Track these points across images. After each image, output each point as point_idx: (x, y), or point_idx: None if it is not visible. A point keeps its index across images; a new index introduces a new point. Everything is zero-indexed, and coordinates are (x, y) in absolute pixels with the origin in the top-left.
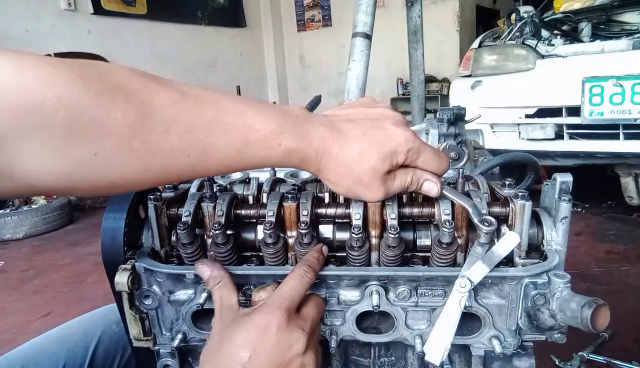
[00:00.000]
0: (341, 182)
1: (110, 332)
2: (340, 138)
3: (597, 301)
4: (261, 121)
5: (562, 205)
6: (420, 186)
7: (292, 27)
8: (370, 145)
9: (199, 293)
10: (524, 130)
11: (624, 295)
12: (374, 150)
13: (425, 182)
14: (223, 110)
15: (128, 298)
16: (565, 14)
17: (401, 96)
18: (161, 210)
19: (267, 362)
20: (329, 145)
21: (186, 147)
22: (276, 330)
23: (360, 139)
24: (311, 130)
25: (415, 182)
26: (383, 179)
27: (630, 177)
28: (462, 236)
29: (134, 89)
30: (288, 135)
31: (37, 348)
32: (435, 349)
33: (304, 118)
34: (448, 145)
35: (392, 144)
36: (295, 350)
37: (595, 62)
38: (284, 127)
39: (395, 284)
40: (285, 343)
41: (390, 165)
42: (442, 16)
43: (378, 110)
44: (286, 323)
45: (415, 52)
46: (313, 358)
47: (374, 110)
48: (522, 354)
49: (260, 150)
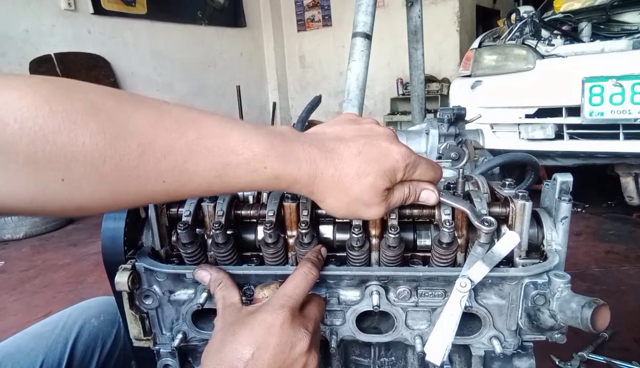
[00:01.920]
0: (339, 204)
1: (89, 327)
2: (334, 158)
3: (597, 301)
4: (245, 144)
5: (562, 205)
6: (418, 197)
7: (292, 27)
8: (367, 163)
9: (199, 293)
10: (524, 130)
11: (624, 295)
12: (372, 168)
13: (423, 191)
14: (204, 132)
15: (128, 298)
16: (565, 14)
17: (401, 96)
18: (161, 210)
19: (271, 360)
20: (322, 167)
21: (162, 172)
22: (280, 329)
23: (355, 157)
24: (301, 152)
25: (413, 194)
26: (383, 196)
27: (630, 177)
28: (462, 236)
29: (108, 110)
30: (274, 158)
31: (15, 346)
32: (436, 349)
33: (293, 139)
34: (448, 145)
35: (390, 162)
36: (299, 349)
37: (595, 62)
38: (270, 150)
39: (396, 284)
40: (289, 342)
41: (389, 183)
42: (442, 16)
43: (367, 127)
44: (290, 322)
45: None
46: (315, 357)
47: (363, 127)
48: (522, 354)
49: (242, 174)
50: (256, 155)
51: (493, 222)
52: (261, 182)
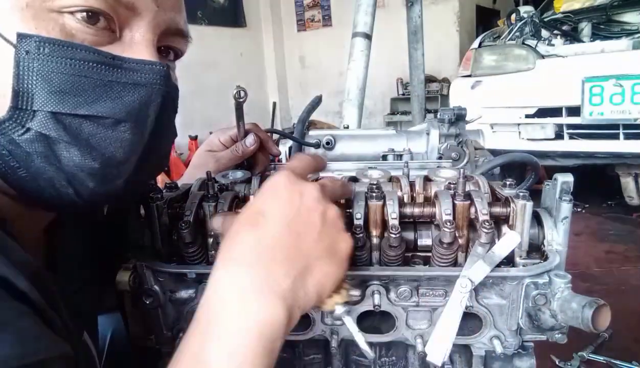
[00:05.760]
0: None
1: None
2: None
3: (598, 301)
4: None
5: (563, 206)
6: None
7: (292, 27)
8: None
9: (200, 293)
10: (524, 130)
11: (624, 295)
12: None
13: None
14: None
15: (129, 297)
16: (565, 14)
17: (401, 96)
18: (162, 210)
19: (282, 213)
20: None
21: None
22: (286, 182)
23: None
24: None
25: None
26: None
27: (630, 177)
28: (462, 236)
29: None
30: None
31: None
32: (437, 349)
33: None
34: (449, 146)
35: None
36: (309, 194)
37: (595, 62)
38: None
39: (396, 284)
40: (296, 190)
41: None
42: (442, 16)
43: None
44: (295, 178)
45: (415, 52)
46: (334, 208)
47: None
48: (522, 354)
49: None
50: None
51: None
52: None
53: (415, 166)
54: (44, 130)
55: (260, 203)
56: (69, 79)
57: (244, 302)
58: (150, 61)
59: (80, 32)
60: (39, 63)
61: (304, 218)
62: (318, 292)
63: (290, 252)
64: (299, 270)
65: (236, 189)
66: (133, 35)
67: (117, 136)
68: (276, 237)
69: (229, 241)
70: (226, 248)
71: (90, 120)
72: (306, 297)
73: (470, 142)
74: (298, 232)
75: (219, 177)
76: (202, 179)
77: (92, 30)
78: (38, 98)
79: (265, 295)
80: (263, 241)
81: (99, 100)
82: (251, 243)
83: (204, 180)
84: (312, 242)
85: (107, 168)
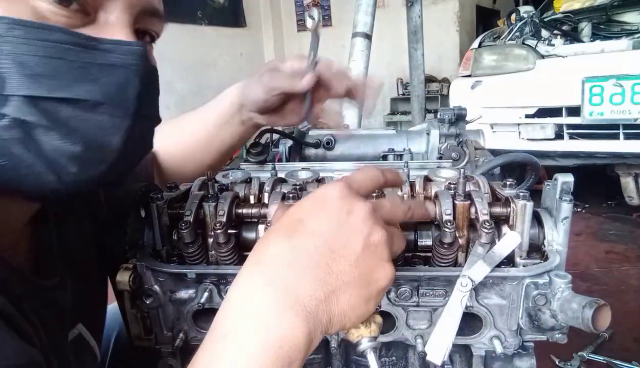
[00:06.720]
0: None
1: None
2: (322, 322)
3: (598, 301)
4: None
5: (563, 206)
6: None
7: (292, 27)
8: (353, 314)
9: (200, 293)
10: (524, 130)
11: (624, 295)
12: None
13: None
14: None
15: (129, 297)
16: (565, 14)
17: (401, 96)
18: (162, 210)
19: (323, 228)
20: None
21: None
22: (336, 196)
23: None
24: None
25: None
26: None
27: (630, 177)
28: (463, 236)
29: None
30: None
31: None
32: (437, 349)
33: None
34: (449, 146)
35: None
36: (357, 213)
37: (595, 62)
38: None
39: (397, 284)
40: (345, 206)
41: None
42: (442, 16)
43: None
44: (349, 192)
45: (415, 52)
46: (385, 234)
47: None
48: (522, 354)
49: None
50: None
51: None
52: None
53: (416, 166)
54: (20, 115)
55: (304, 212)
56: (42, 61)
57: (263, 318)
58: (126, 41)
59: (53, 14)
60: (11, 46)
61: (345, 239)
62: (340, 323)
63: (321, 271)
64: (326, 294)
65: (236, 189)
66: (108, 16)
67: (97, 118)
68: (310, 252)
69: (263, 242)
70: (258, 248)
71: (67, 103)
72: (329, 323)
73: (470, 142)
74: (334, 252)
75: (219, 177)
76: (203, 179)
77: (66, 13)
78: (11, 82)
79: (286, 315)
80: (295, 253)
81: (75, 82)
82: (283, 252)
83: (204, 180)
84: (346, 266)
85: (88, 152)
